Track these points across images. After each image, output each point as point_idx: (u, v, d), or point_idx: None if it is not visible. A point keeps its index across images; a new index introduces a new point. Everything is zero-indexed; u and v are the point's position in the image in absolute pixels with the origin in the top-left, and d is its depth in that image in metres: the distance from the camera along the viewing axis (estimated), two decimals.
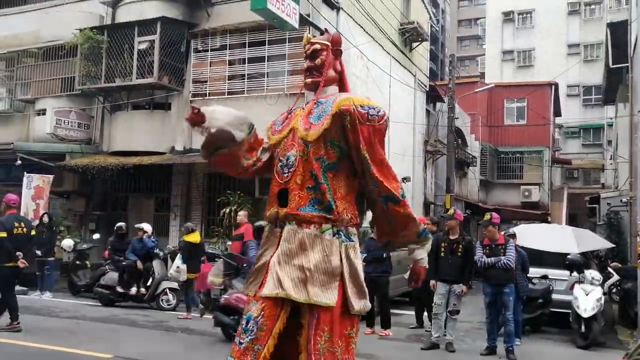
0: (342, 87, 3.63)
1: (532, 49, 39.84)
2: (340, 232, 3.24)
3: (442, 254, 8.62)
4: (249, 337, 3.12)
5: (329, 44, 3.56)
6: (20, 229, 8.76)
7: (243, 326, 3.19)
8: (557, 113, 34.00)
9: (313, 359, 3.06)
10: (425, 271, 3.52)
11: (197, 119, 3.46)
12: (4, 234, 8.50)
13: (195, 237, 11.55)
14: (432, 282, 8.73)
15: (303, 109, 3.49)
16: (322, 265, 3.15)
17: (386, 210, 3.32)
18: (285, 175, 3.34)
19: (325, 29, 4.14)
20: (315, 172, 3.24)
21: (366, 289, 3.30)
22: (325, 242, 3.19)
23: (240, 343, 3.16)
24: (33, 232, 9.22)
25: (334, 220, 3.22)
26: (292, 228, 3.24)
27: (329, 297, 3.11)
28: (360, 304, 3.22)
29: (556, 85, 31.90)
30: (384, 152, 3.32)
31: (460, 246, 8.58)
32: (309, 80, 3.54)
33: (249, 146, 3.62)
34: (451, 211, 8.98)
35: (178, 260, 11.45)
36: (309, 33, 3.89)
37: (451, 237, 8.71)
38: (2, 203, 9.20)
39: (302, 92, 3.76)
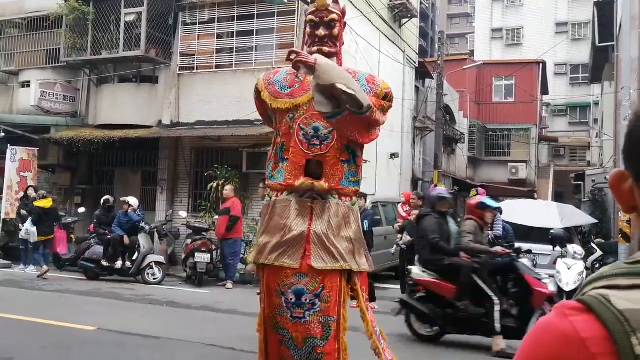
0: (339, 59, 3.64)
1: (521, 27, 39.73)
2: (356, 203, 3.51)
3: None
4: (312, 311, 3.20)
5: (342, 15, 3.54)
6: None
7: (292, 300, 3.22)
8: (545, 91, 34.11)
9: (369, 317, 3.49)
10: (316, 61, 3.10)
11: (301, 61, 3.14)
12: None
13: (46, 203, 12.35)
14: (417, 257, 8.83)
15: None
16: (357, 235, 3.40)
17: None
18: (317, 147, 3.32)
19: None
20: (352, 146, 3.38)
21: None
22: (355, 214, 3.43)
23: (297, 317, 3.21)
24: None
25: (358, 193, 3.52)
26: (335, 202, 3.34)
27: (365, 263, 3.43)
28: (371, 263, 3.62)
29: (544, 63, 31.93)
30: None
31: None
32: (325, 48, 3.43)
33: None
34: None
35: (28, 224, 12.48)
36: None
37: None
38: None
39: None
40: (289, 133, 3.39)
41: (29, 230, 12.37)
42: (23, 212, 13.17)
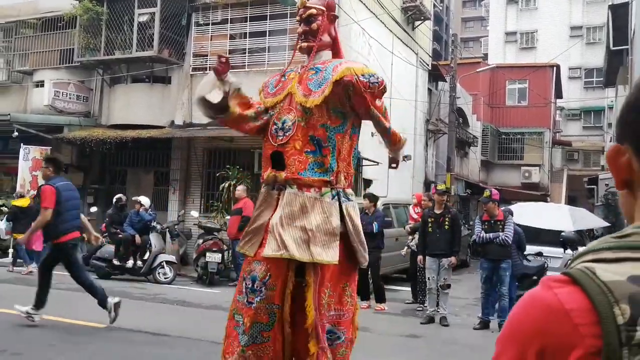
0: (336, 53, 3.71)
1: (535, 30, 39.50)
2: (340, 194, 3.43)
3: (430, 229, 8.73)
4: (259, 297, 3.27)
5: (324, 9, 3.58)
6: None
7: (249, 286, 3.34)
8: (559, 95, 33.89)
9: (321, 312, 3.28)
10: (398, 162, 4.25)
11: (225, 69, 3.54)
12: None
13: (23, 202, 12.59)
14: (419, 257, 8.94)
15: (298, 72, 3.54)
16: (323, 226, 3.31)
17: (388, 134, 3.82)
18: (280, 138, 3.44)
19: None
20: (317, 137, 3.37)
21: (366, 245, 3.55)
22: (325, 205, 3.35)
23: (250, 302, 3.31)
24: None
25: (332, 183, 3.40)
26: (292, 192, 3.37)
27: (331, 255, 3.29)
28: (365, 257, 3.52)
29: (558, 67, 31.74)
30: (386, 112, 3.69)
31: (447, 219, 8.69)
32: (304, 44, 3.61)
33: (242, 101, 3.64)
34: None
35: (2, 223, 13.38)
36: None
37: (437, 212, 8.82)
38: None
39: (292, 56, 3.89)
40: (268, 128, 3.58)
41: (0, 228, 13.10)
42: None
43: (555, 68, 31.44)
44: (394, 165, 4.23)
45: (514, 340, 0.81)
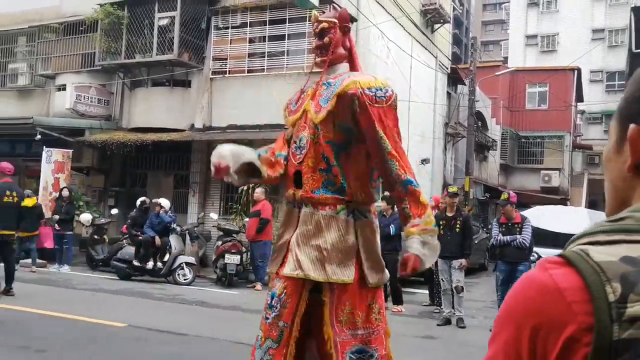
0: (352, 64, 3.62)
1: (556, 33, 39.19)
2: (355, 212, 3.32)
3: (441, 232, 8.66)
4: (274, 314, 3.29)
5: (336, 21, 3.54)
6: (10, 197, 8.91)
7: (268, 302, 3.36)
8: (580, 98, 33.60)
9: (336, 330, 3.20)
10: (416, 261, 3.19)
11: (223, 173, 3.48)
12: None
13: (30, 202, 12.32)
14: None
15: (314, 88, 3.52)
16: (338, 244, 3.25)
17: (404, 194, 3.23)
18: (298, 157, 3.41)
19: (333, 4, 4.13)
20: (327, 155, 3.29)
21: (383, 263, 3.39)
22: (340, 222, 3.28)
23: (267, 318, 3.33)
24: (23, 204, 9.39)
25: (347, 201, 3.30)
26: (308, 210, 3.33)
27: (346, 274, 3.22)
28: (376, 278, 3.31)
29: (579, 70, 31.46)
30: (399, 132, 3.30)
31: (458, 222, 8.70)
32: (318, 59, 3.55)
33: (268, 164, 3.59)
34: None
35: None
36: (317, 11, 3.86)
37: (449, 214, 8.83)
38: None
39: (311, 71, 3.83)
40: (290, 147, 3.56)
41: None
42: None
43: (576, 71, 31.18)
44: (404, 271, 3.24)
45: (511, 319, 0.83)
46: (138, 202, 13.37)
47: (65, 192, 13.69)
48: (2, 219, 8.76)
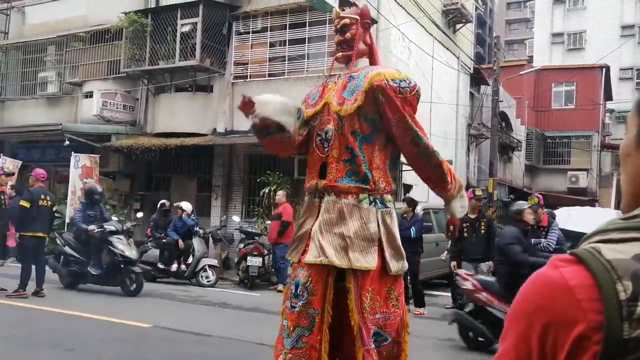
0: (372, 60, 3.74)
1: (583, 31, 38.59)
2: (377, 200, 3.44)
3: (465, 234, 8.63)
4: (301, 302, 3.37)
5: (358, 17, 3.65)
6: (45, 201, 9.30)
7: (293, 291, 3.44)
8: (609, 97, 32.96)
9: (364, 315, 3.31)
10: (459, 222, 3.80)
11: (246, 108, 3.62)
12: (27, 204, 9.01)
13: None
14: (452, 263, 8.82)
15: (336, 82, 3.62)
16: (360, 232, 3.36)
17: (435, 166, 3.51)
18: (326, 149, 3.52)
19: (354, 2, 4.21)
20: (351, 145, 3.41)
21: (403, 251, 3.53)
22: (362, 211, 3.40)
23: (293, 307, 3.41)
24: (55, 208, 9.75)
25: (370, 190, 3.42)
26: (331, 199, 3.44)
27: (369, 261, 3.34)
28: (397, 266, 3.46)
29: (607, 68, 30.90)
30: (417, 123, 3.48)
31: (482, 223, 8.61)
32: (339, 54, 3.67)
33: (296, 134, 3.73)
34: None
35: None
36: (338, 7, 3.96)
37: (471, 216, 8.72)
38: (31, 176, 9.68)
39: (330, 74, 3.88)
40: (312, 139, 3.63)
41: None
42: None
43: (604, 69, 30.61)
44: (451, 229, 3.81)
45: (521, 316, 0.83)
46: (158, 205, 13.62)
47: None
48: (38, 221, 9.22)
